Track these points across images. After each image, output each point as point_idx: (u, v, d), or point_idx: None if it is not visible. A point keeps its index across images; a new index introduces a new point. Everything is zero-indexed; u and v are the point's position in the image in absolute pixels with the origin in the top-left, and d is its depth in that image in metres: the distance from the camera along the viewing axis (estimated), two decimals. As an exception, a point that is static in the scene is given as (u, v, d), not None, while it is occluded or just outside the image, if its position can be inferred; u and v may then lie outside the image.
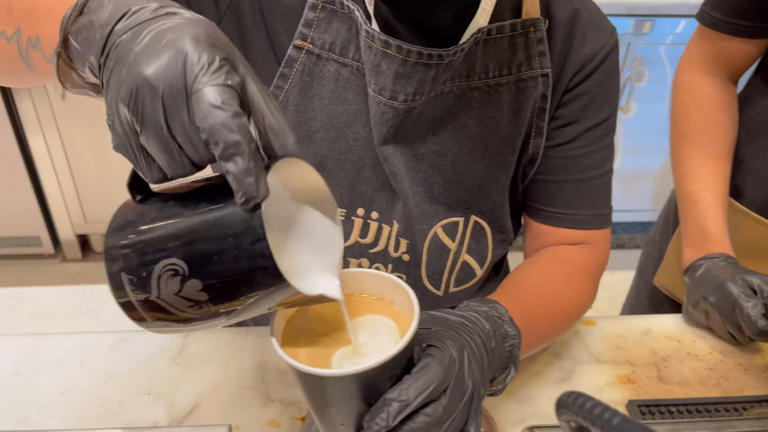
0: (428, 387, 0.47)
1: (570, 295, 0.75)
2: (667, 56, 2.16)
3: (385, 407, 0.46)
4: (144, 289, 0.42)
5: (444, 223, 0.76)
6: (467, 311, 0.59)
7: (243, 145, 0.38)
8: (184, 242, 0.41)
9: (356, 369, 0.44)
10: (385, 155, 0.70)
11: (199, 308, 0.42)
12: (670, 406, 0.72)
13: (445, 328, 0.53)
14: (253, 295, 0.42)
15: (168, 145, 0.39)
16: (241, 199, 0.39)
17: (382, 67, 0.64)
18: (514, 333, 0.59)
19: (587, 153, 0.76)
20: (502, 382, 0.59)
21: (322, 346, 0.49)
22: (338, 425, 0.50)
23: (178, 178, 0.41)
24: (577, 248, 0.79)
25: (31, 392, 0.71)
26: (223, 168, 0.39)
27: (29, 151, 2.13)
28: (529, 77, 0.71)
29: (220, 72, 0.38)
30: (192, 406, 0.71)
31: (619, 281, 2.31)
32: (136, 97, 0.38)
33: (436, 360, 0.48)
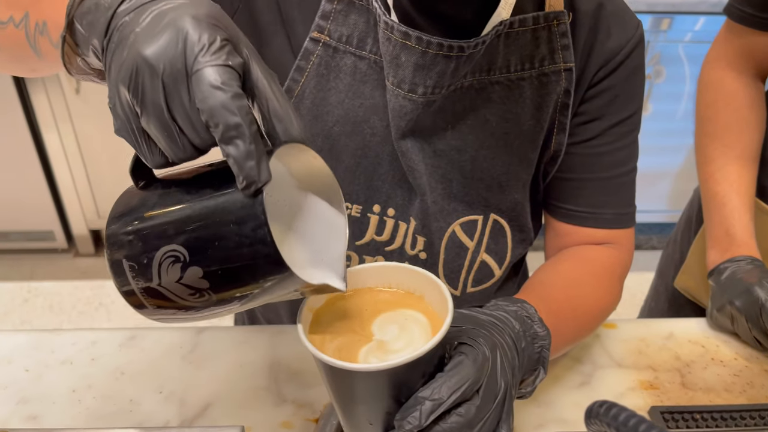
0: (462, 386, 0.45)
1: (596, 297, 0.73)
2: (686, 54, 2.12)
3: (417, 406, 0.44)
4: (145, 276, 0.42)
5: (462, 221, 0.74)
6: (496, 310, 0.57)
7: (243, 127, 0.37)
8: (185, 229, 0.40)
9: (388, 364, 0.43)
10: (403, 150, 0.68)
11: (201, 296, 0.42)
12: (694, 413, 0.70)
13: (475, 326, 0.52)
14: (256, 283, 0.41)
15: (168, 127, 0.38)
16: (242, 184, 0.38)
17: (401, 60, 0.62)
18: (543, 334, 0.58)
19: (611, 150, 0.74)
20: (531, 385, 0.58)
21: (350, 341, 0.48)
22: (365, 424, 0.48)
23: (179, 162, 0.41)
24: (601, 248, 0.77)
25: (42, 389, 0.70)
26: (223, 151, 0.38)
27: (43, 146, 2.13)
28: (552, 72, 0.69)
29: (221, 52, 0.37)
30: (204, 405, 0.69)
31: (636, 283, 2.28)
32: (136, 78, 0.37)
33: (469, 358, 0.47)
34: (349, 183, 0.71)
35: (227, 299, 0.42)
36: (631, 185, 0.78)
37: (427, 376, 0.46)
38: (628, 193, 0.78)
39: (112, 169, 2.18)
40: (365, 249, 0.75)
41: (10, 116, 2.04)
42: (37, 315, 2.10)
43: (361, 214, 0.73)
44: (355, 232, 0.74)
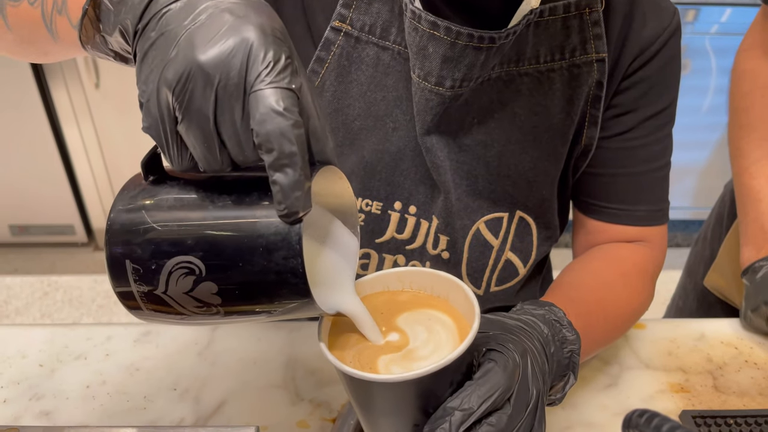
0: (492, 395, 0.43)
1: (627, 297, 0.70)
2: (712, 47, 2.07)
3: (446, 416, 0.42)
4: (150, 282, 0.39)
5: (487, 219, 0.71)
6: (523, 314, 0.55)
7: (298, 157, 0.35)
8: (206, 241, 0.38)
9: (414, 374, 0.40)
10: (428, 146, 0.66)
11: (207, 309, 0.39)
12: (727, 417, 0.67)
13: (503, 331, 0.49)
14: (270, 305, 0.39)
15: (210, 140, 0.36)
16: (283, 212, 0.36)
17: (429, 51, 0.60)
18: (573, 338, 0.55)
19: (645, 144, 0.71)
20: (561, 391, 0.55)
21: (371, 348, 0.46)
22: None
23: (211, 173, 0.38)
24: (633, 246, 0.75)
25: (55, 385, 0.69)
26: (271, 176, 0.35)
27: (63, 141, 2.14)
28: (583, 62, 0.66)
29: (285, 73, 0.35)
30: (219, 403, 0.68)
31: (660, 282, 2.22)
32: (185, 83, 0.35)
33: (499, 365, 0.44)
34: (369, 179, 0.69)
35: (234, 314, 0.40)
36: (665, 180, 0.75)
37: (455, 384, 0.44)
38: (662, 189, 0.75)
39: (132, 164, 2.18)
40: (385, 247, 0.72)
41: (31, 111, 2.05)
42: (57, 309, 2.12)
43: (381, 211, 0.71)
44: (374, 229, 0.71)
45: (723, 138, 2.29)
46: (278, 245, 0.37)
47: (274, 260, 0.37)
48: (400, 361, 0.44)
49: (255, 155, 0.36)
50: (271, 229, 0.37)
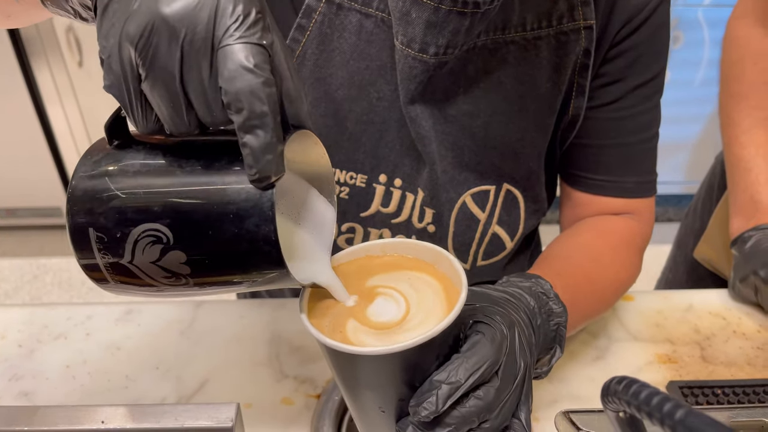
0: (480, 367, 0.42)
1: (615, 270, 0.69)
2: (705, 19, 2.05)
3: (433, 390, 0.41)
4: (115, 251, 0.37)
5: (474, 192, 0.70)
6: (509, 287, 0.54)
7: (269, 117, 0.33)
8: (174, 208, 0.36)
9: (398, 347, 0.39)
10: (412, 116, 0.64)
11: (176, 280, 0.38)
12: (714, 388, 0.66)
13: (490, 303, 0.48)
14: (242, 276, 0.37)
15: (176, 99, 0.34)
16: (254, 176, 0.34)
17: (412, 16, 0.58)
18: (560, 311, 0.54)
19: (633, 114, 0.70)
20: (547, 364, 0.54)
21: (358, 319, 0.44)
22: (376, 411, 0.44)
23: (178, 135, 0.36)
24: (621, 218, 0.74)
25: (35, 365, 0.68)
26: (240, 139, 0.34)
27: (48, 122, 2.11)
28: (570, 30, 0.64)
29: (256, 28, 0.33)
30: (201, 382, 0.67)
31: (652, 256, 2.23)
32: (148, 38, 0.33)
33: (487, 337, 0.43)
34: (353, 151, 0.67)
35: (206, 285, 0.38)
36: (653, 152, 0.74)
37: (441, 357, 0.42)
38: (650, 161, 0.74)
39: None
40: (370, 221, 0.71)
41: (14, 92, 2.02)
42: (47, 291, 2.10)
43: (366, 184, 0.69)
44: (359, 203, 0.70)
45: (716, 111, 2.27)
46: (249, 212, 0.35)
47: (246, 228, 0.35)
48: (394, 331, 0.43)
49: (224, 116, 0.35)
50: (242, 195, 0.35)
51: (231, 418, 0.53)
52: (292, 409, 0.64)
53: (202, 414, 0.54)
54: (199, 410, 0.54)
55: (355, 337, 0.42)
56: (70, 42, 1.95)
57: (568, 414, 0.46)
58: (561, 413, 0.47)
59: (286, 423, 0.63)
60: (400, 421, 0.44)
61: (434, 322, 0.42)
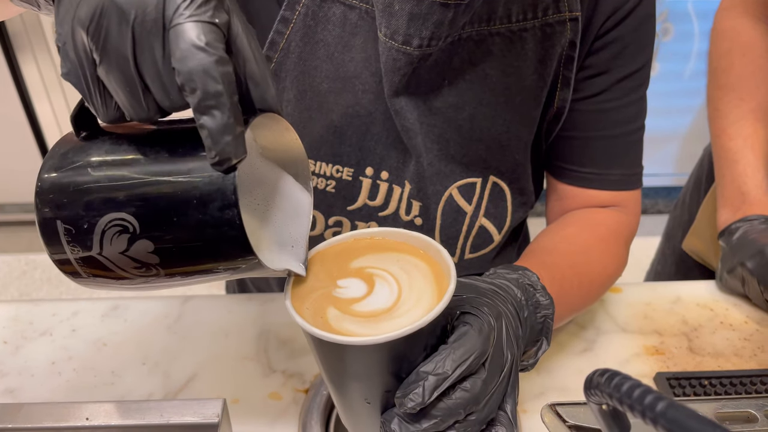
0: (467, 359, 0.41)
1: (602, 263, 0.69)
2: (695, 10, 2.05)
3: (419, 381, 0.41)
4: (83, 243, 0.37)
5: (460, 184, 0.70)
6: (496, 278, 0.53)
7: (224, 97, 0.33)
8: (139, 196, 0.36)
9: (385, 337, 0.39)
10: (397, 108, 0.64)
11: (147, 270, 0.37)
12: (702, 378, 0.67)
13: (477, 295, 0.48)
14: (212, 264, 0.37)
15: (132, 84, 0.34)
16: (213, 159, 0.34)
17: (395, 8, 0.58)
18: (547, 303, 0.54)
19: (619, 106, 0.69)
20: (533, 357, 0.54)
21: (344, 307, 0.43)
22: (362, 402, 0.44)
23: (138, 121, 0.36)
24: (607, 211, 0.74)
25: (20, 362, 0.68)
26: (197, 120, 0.33)
27: (35, 117, 2.09)
28: (556, 22, 0.64)
29: (207, 6, 0.33)
30: (189, 377, 0.66)
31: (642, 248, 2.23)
32: (98, 21, 0.33)
33: (474, 329, 0.43)
34: (339, 144, 0.67)
35: (177, 276, 0.38)
36: (639, 144, 0.74)
37: (428, 348, 0.42)
38: (636, 153, 0.74)
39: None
40: (357, 214, 0.71)
41: (1, 88, 2.00)
42: (36, 287, 2.09)
43: (352, 177, 0.69)
44: (346, 196, 0.70)
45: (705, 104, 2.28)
46: (212, 196, 0.35)
47: (210, 213, 0.35)
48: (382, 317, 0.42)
49: (181, 98, 0.34)
50: (204, 179, 0.35)
51: (217, 414, 0.53)
52: (280, 404, 0.64)
53: (188, 410, 0.53)
54: (185, 406, 0.54)
55: (339, 324, 0.41)
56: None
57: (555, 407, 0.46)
58: (547, 406, 0.47)
59: (274, 418, 0.62)
60: (386, 412, 0.43)
61: (424, 308, 0.41)
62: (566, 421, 0.46)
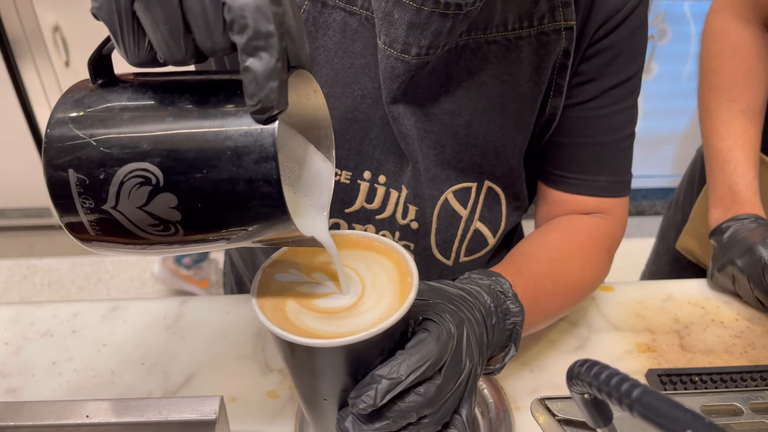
0: (422, 365, 0.43)
1: (581, 270, 0.69)
2: (692, 13, 2.07)
3: (373, 384, 0.42)
4: (97, 195, 0.34)
5: (456, 189, 0.71)
6: (468, 284, 0.55)
7: (275, 39, 0.30)
8: (165, 146, 0.33)
9: (344, 341, 0.39)
10: (394, 115, 0.65)
11: (164, 230, 0.35)
12: (693, 375, 0.68)
13: (443, 300, 0.49)
14: (238, 225, 0.34)
15: (174, 20, 0.31)
16: (255, 106, 0.31)
17: (394, 17, 0.58)
18: (516, 310, 0.55)
19: (608, 114, 0.70)
20: (500, 362, 0.55)
21: (307, 303, 0.44)
22: (320, 400, 0.45)
23: (173, 64, 0.33)
24: (591, 218, 0.74)
25: (21, 362, 0.69)
26: (243, 62, 0.31)
27: (35, 122, 2.11)
28: (552, 30, 0.64)
29: None
30: (188, 376, 0.67)
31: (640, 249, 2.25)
32: None
33: (432, 335, 0.44)
34: (338, 148, 0.68)
35: (195, 235, 0.35)
36: (628, 152, 0.74)
37: (386, 353, 0.43)
38: (624, 161, 0.74)
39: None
40: (354, 217, 0.72)
41: (1, 94, 2.01)
42: (36, 292, 2.10)
43: (350, 180, 0.70)
44: (344, 199, 0.71)
45: (701, 105, 2.30)
46: (249, 148, 0.32)
47: (244, 165, 0.32)
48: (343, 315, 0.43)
49: (225, 40, 0.31)
50: (242, 129, 0.32)
51: (215, 411, 0.54)
52: (277, 402, 0.65)
53: (186, 407, 0.54)
54: (183, 403, 0.55)
55: (298, 318, 0.42)
56: (57, 42, 1.95)
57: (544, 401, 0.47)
58: (537, 400, 0.48)
59: (272, 416, 0.63)
60: (342, 410, 0.45)
61: (384, 309, 0.42)
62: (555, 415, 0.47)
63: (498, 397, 0.64)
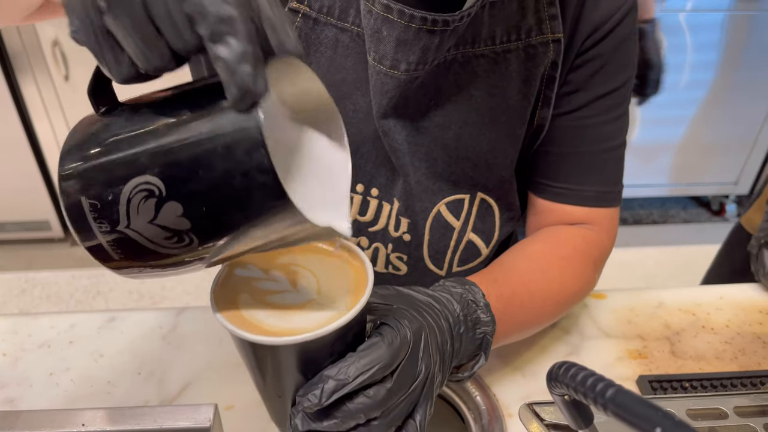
0: (371, 368, 0.43)
1: (561, 282, 0.69)
2: (687, 24, 2.09)
3: (320, 383, 0.43)
4: (110, 217, 0.35)
5: (448, 201, 0.71)
6: (440, 291, 0.55)
7: (238, 22, 0.30)
8: (161, 155, 0.34)
9: (293, 339, 0.40)
10: (385, 129, 0.66)
11: (180, 241, 0.36)
12: (683, 381, 0.68)
13: (407, 306, 0.50)
14: (247, 222, 0.35)
15: (143, 26, 0.32)
16: (234, 95, 0.31)
17: (383, 34, 0.59)
18: (487, 320, 0.56)
19: (596, 124, 0.71)
20: (469, 370, 0.56)
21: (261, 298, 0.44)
22: (275, 397, 0.46)
23: (154, 73, 0.33)
24: (577, 228, 0.73)
25: (19, 373, 0.70)
26: (211, 53, 0.31)
27: (35, 135, 2.12)
28: (539, 43, 0.65)
29: None
30: (184, 385, 0.68)
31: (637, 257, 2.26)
32: None
33: (385, 340, 0.45)
34: None
35: (212, 245, 0.36)
36: (618, 162, 0.74)
37: (336, 354, 0.44)
38: (614, 171, 0.74)
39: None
40: None
41: (1, 108, 2.03)
42: (35, 305, 2.10)
43: None
44: None
45: (699, 115, 2.31)
46: (236, 139, 0.32)
47: (236, 158, 0.32)
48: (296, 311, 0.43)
49: (195, 36, 0.32)
50: (227, 123, 0.33)
51: (209, 419, 0.55)
52: (272, 410, 0.66)
53: (181, 415, 0.55)
54: (178, 412, 0.55)
55: (250, 313, 0.42)
56: (56, 56, 1.97)
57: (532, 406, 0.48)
58: (525, 405, 0.48)
59: (267, 423, 0.64)
60: (294, 407, 0.45)
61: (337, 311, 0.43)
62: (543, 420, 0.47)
63: (490, 404, 0.64)
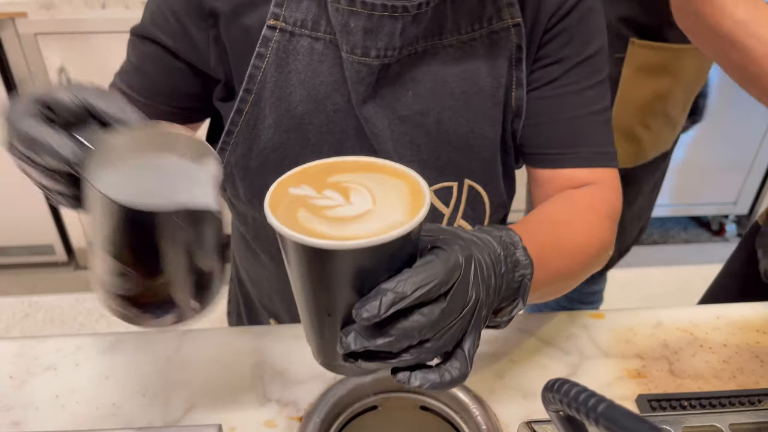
0: (428, 283, 0.43)
1: (583, 233, 0.70)
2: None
3: (378, 296, 0.42)
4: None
5: (436, 188, 0.75)
6: (480, 232, 0.55)
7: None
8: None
9: (355, 243, 0.40)
10: (366, 116, 0.70)
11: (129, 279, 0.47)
12: (682, 400, 0.69)
13: (454, 237, 0.50)
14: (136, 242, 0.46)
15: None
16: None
17: (351, 26, 0.65)
18: (526, 262, 0.55)
19: (578, 90, 0.74)
20: (507, 314, 0.55)
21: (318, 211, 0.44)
22: (324, 314, 0.46)
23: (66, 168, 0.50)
24: (584, 189, 0.75)
25: (26, 395, 0.70)
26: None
27: (41, 160, 2.14)
28: (500, 29, 0.71)
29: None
30: (188, 407, 0.69)
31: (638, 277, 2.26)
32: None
33: (440, 259, 0.45)
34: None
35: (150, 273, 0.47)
36: (606, 125, 0.76)
37: (392, 270, 0.44)
38: (603, 133, 0.76)
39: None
40: None
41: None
42: (39, 329, 2.11)
43: None
44: None
45: (698, 136, 2.33)
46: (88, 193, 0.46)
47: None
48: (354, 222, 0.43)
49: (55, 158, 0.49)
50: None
51: (213, 439, 0.56)
52: (275, 431, 0.66)
53: (186, 436, 0.56)
54: (183, 432, 0.56)
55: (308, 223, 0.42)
56: (62, 82, 2.00)
57: (531, 424, 0.49)
58: (523, 423, 0.49)
59: (269, 445, 0.65)
60: (345, 327, 0.45)
61: (394, 222, 0.42)
62: (542, 438, 0.48)
63: (490, 423, 0.65)
